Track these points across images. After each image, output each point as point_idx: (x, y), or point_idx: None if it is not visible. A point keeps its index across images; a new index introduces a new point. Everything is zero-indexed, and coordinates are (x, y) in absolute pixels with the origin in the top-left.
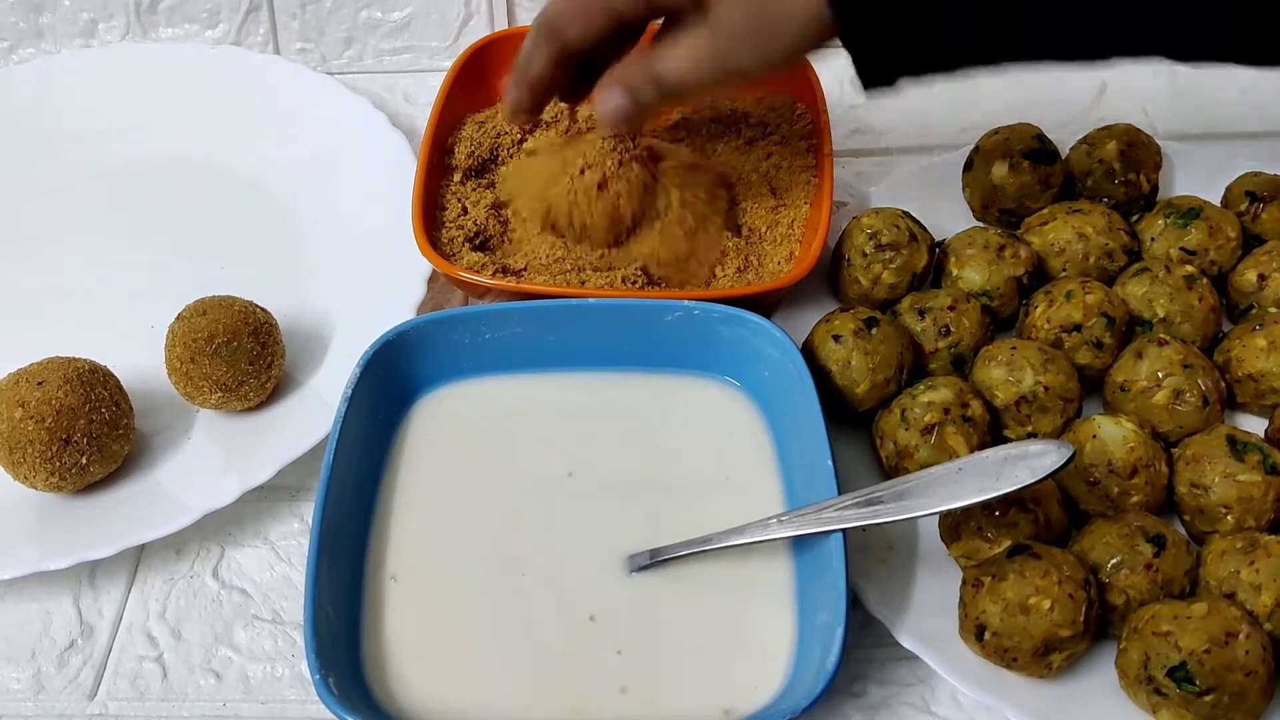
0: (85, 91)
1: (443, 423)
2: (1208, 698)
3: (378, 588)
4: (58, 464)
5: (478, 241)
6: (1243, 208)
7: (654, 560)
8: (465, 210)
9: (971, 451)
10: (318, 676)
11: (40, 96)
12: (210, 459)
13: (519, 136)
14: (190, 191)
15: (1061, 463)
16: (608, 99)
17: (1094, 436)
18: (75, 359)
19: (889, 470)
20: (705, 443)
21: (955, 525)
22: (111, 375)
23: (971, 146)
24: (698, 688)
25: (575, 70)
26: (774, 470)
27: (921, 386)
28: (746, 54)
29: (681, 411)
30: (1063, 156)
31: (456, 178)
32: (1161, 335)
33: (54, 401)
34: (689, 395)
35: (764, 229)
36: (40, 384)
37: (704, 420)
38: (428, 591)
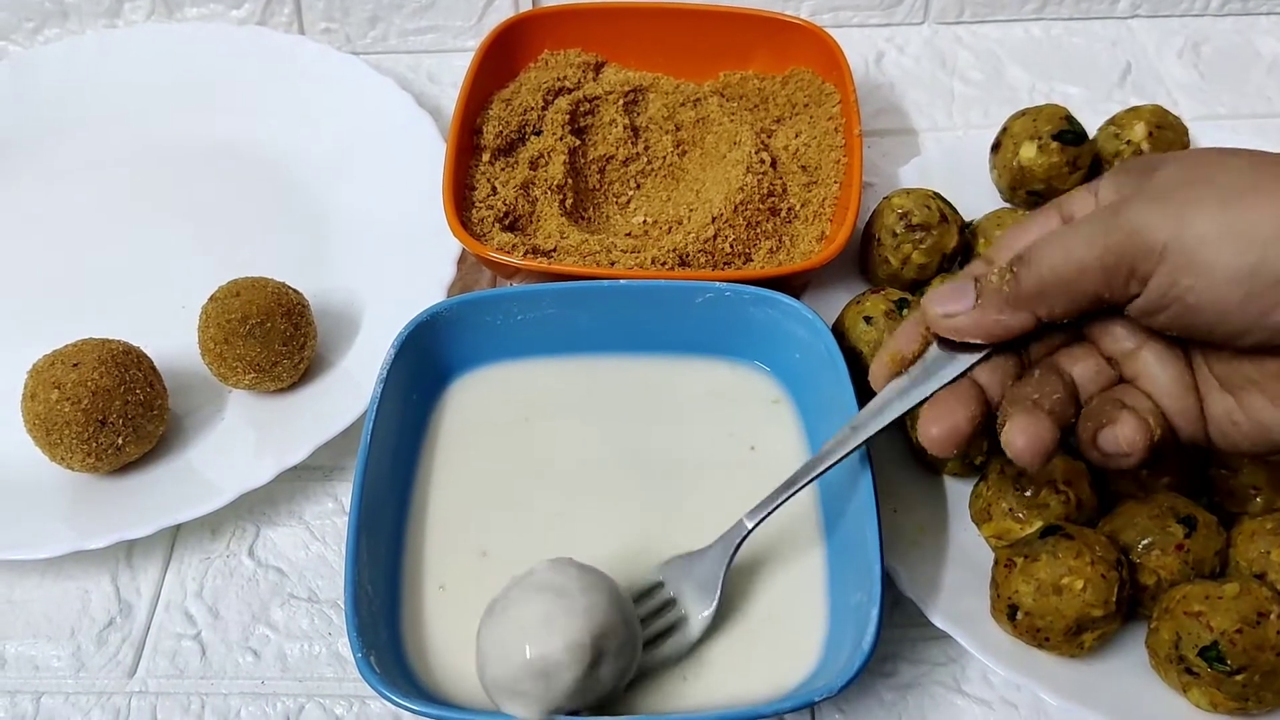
0: (110, 72)
1: (477, 406)
2: (1239, 677)
3: (417, 568)
4: (94, 445)
5: (507, 222)
6: None
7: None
8: (495, 190)
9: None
10: (359, 654)
11: (66, 77)
12: (244, 440)
13: (541, 109)
14: (216, 172)
15: None
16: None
17: None
18: (109, 340)
19: (918, 450)
20: (735, 425)
21: (986, 506)
22: (145, 356)
23: (999, 127)
24: (732, 667)
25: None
26: (803, 454)
27: None
28: None
29: (712, 395)
30: (1091, 138)
31: (485, 157)
32: None
33: (89, 383)
34: (719, 379)
35: (798, 206)
36: (76, 365)
37: (734, 404)
38: (466, 572)
